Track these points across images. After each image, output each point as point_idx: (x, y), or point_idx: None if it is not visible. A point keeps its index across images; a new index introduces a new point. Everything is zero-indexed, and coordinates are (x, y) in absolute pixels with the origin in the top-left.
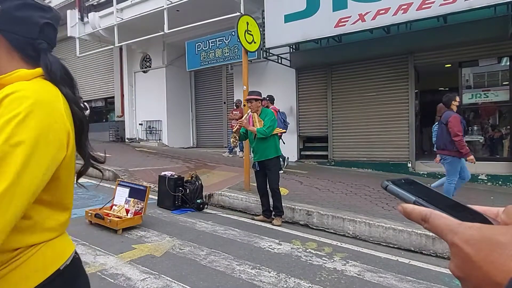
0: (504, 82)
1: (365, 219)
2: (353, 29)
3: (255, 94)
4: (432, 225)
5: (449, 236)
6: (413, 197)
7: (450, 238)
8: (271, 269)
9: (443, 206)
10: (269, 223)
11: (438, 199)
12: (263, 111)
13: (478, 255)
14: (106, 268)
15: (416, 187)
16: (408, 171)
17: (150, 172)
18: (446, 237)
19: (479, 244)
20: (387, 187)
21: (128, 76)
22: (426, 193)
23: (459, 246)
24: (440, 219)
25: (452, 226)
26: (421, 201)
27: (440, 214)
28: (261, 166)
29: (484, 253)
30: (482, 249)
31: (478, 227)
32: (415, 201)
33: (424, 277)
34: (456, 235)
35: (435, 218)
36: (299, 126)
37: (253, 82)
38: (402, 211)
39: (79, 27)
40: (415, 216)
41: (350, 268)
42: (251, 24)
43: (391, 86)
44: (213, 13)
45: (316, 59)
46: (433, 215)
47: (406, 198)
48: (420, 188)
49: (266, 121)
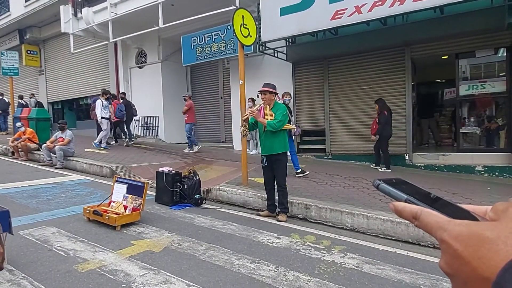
0: (501, 73)
1: (363, 211)
2: (349, 21)
3: (270, 86)
4: (422, 222)
5: (439, 232)
6: (405, 195)
7: (440, 234)
8: (270, 263)
9: (433, 204)
10: (274, 218)
11: (428, 197)
12: (275, 105)
13: (467, 251)
14: (105, 265)
15: (407, 186)
16: (405, 163)
17: (147, 168)
18: (435, 234)
19: (468, 240)
20: (379, 186)
21: (123, 72)
22: (417, 192)
23: (448, 243)
24: (430, 216)
25: (442, 223)
26: (412, 199)
27: (430, 211)
28: (269, 161)
29: (473, 249)
30: (470, 245)
31: (467, 224)
32: (406, 199)
33: (422, 268)
34: (445, 232)
35: (425, 216)
36: (296, 120)
37: (250, 76)
38: (393, 209)
39: (72, 23)
40: (406, 214)
41: (349, 261)
42: (247, 17)
43: (388, 78)
44: (208, 7)
45: (313, 53)
46: (424, 213)
47: (397, 196)
48: (411, 188)
49: (277, 115)
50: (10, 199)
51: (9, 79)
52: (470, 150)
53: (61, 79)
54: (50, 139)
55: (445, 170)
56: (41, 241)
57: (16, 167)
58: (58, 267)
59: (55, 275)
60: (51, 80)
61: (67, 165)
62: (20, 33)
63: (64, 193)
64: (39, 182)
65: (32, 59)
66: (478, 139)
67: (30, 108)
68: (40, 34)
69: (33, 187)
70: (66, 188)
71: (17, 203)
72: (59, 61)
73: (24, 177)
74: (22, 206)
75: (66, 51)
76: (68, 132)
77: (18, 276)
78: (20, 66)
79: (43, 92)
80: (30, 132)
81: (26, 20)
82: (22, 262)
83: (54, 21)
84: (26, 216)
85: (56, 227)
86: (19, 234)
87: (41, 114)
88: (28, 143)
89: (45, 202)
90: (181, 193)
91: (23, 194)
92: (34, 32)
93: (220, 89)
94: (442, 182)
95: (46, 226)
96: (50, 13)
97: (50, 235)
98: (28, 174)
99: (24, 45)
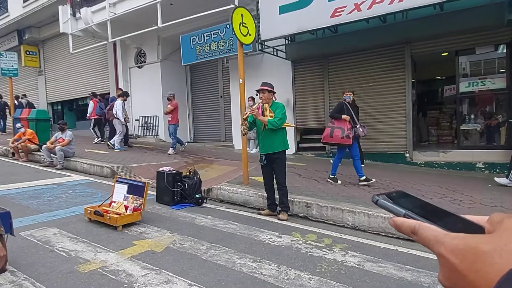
0: (501, 70)
1: (364, 209)
2: (349, 19)
3: (268, 85)
4: (421, 237)
5: (436, 246)
6: (403, 210)
7: (437, 248)
8: (272, 262)
9: (433, 218)
10: (275, 217)
11: (428, 210)
12: (273, 104)
13: (463, 264)
14: (107, 265)
15: (406, 199)
16: (405, 161)
17: (148, 168)
18: (433, 248)
19: (464, 253)
20: (377, 202)
21: (123, 72)
22: (417, 205)
23: (445, 256)
24: (427, 230)
25: (439, 237)
26: (410, 214)
27: (428, 226)
28: (268, 160)
29: (469, 262)
30: (466, 258)
31: (463, 237)
32: (405, 214)
33: (423, 266)
34: (442, 246)
35: (423, 230)
36: (296, 118)
37: (249, 75)
38: (393, 224)
39: (71, 23)
40: (405, 229)
41: (350, 259)
42: (246, 16)
43: (388, 76)
44: (207, 5)
45: (312, 51)
46: (421, 227)
47: (396, 211)
48: (411, 200)
49: (277, 113)
50: (11, 200)
51: (8, 80)
52: (470, 147)
53: (60, 80)
54: (50, 140)
55: (445, 167)
56: (42, 242)
57: (17, 168)
58: (60, 268)
59: (57, 276)
60: (51, 81)
61: (68, 166)
62: (19, 33)
63: (65, 193)
64: (40, 183)
65: (31, 59)
66: (478, 136)
67: (30, 109)
68: (39, 34)
69: (34, 188)
70: (67, 188)
71: (18, 204)
72: (59, 62)
73: (25, 178)
74: (23, 207)
75: (65, 51)
76: (68, 132)
77: (20, 277)
78: (19, 66)
79: (43, 93)
80: (30, 133)
81: (25, 21)
82: (23, 263)
83: (53, 21)
84: (27, 217)
85: (58, 228)
86: (21, 235)
87: (41, 115)
88: (28, 144)
89: (46, 203)
90: (182, 193)
91: (24, 195)
92: (33, 32)
93: (220, 88)
94: (442, 180)
95: (47, 227)
96: (49, 14)
97: (51, 236)
98: (29, 175)
99: (23, 45)
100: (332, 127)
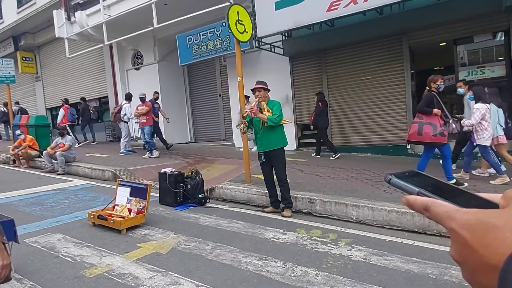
0: (500, 58)
1: (367, 203)
2: (345, 12)
3: (262, 83)
4: (432, 213)
5: (447, 222)
6: (416, 188)
7: (448, 223)
8: (278, 259)
9: (447, 196)
10: (279, 214)
11: (442, 188)
12: (270, 102)
13: (474, 239)
14: (113, 269)
15: (420, 178)
16: (407, 153)
17: (149, 170)
18: (445, 224)
19: (475, 228)
20: (390, 181)
21: (120, 74)
22: (431, 184)
23: (456, 231)
24: (439, 207)
25: (450, 213)
26: (424, 192)
27: (440, 202)
28: (266, 157)
29: (479, 236)
30: (477, 233)
31: (474, 212)
32: (419, 192)
33: (429, 257)
34: (453, 221)
35: (435, 207)
36: (296, 114)
37: (247, 72)
38: (405, 202)
39: (66, 27)
40: (418, 206)
41: (356, 253)
42: (242, 13)
43: (387, 68)
44: (202, 4)
45: (310, 45)
46: (434, 204)
47: (409, 190)
48: (424, 179)
49: (275, 110)
50: (14, 207)
51: (6, 87)
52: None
53: (58, 85)
54: (51, 146)
55: None
56: (47, 248)
57: (18, 175)
58: (66, 273)
59: (63, 282)
60: (48, 86)
61: (69, 171)
62: (14, 40)
63: (68, 199)
64: (42, 189)
65: (28, 66)
66: None
67: (29, 116)
68: (35, 40)
69: (36, 195)
70: (69, 193)
71: (21, 211)
72: (55, 67)
73: (27, 184)
74: (26, 214)
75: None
76: (68, 137)
77: (26, 284)
78: (16, 73)
79: (41, 99)
80: (30, 139)
81: (20, 27)
82: (29, 270)
83: (48, 26)
84: (31, 223)
85: (62, 233)
86: (25, 242)
87: (40, 121)
88: (29, 151)
89: (49, 209)
90: (184, 194)
91: (26, 202)
92: (28, 38)
93: (218, 87)
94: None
95: (51, 233)
96: (44, 19)
97: (56, 242)
98: (31, 182)
99: (19, 52)
100: (420, 122)
